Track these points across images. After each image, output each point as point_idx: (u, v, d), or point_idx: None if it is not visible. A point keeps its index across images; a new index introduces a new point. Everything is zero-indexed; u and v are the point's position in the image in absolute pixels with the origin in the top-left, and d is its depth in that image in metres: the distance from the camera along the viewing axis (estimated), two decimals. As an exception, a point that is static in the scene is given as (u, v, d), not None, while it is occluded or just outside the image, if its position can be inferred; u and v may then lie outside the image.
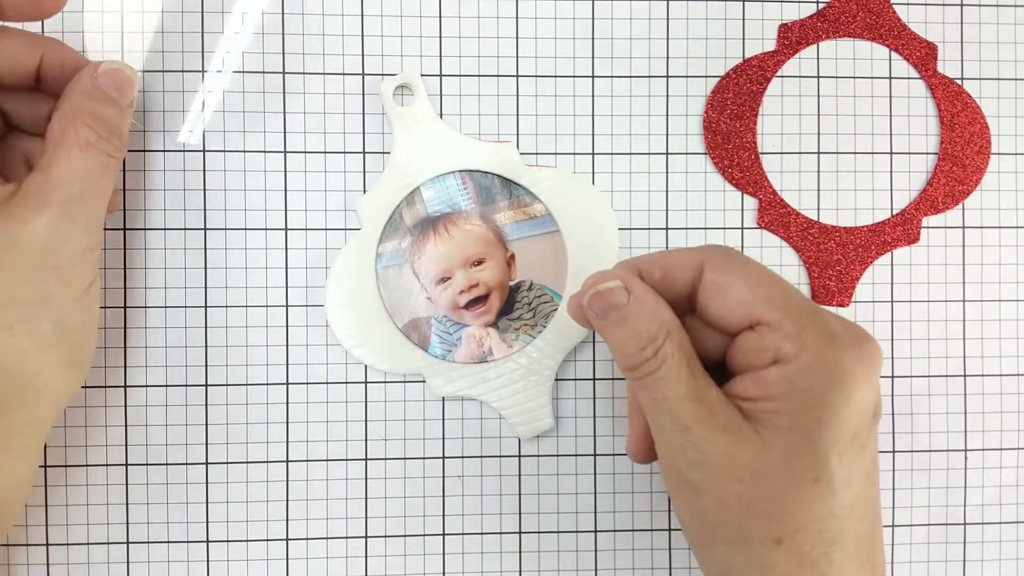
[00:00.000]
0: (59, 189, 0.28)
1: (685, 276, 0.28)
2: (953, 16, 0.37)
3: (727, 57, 0.37)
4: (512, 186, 0.36)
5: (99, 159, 0.29)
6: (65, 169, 0.28)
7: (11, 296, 0.27)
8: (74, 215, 0.28)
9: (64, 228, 0.28)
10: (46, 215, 0.28)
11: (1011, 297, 0.37)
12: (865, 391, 0.26)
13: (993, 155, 0.37)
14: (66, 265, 0.28)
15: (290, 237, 0.36)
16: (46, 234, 0.28)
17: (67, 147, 0.28)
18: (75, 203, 0.28)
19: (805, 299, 0.27)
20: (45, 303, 0.28)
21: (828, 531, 0.26)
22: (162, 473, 0.35)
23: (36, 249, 0.28)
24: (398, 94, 0.36)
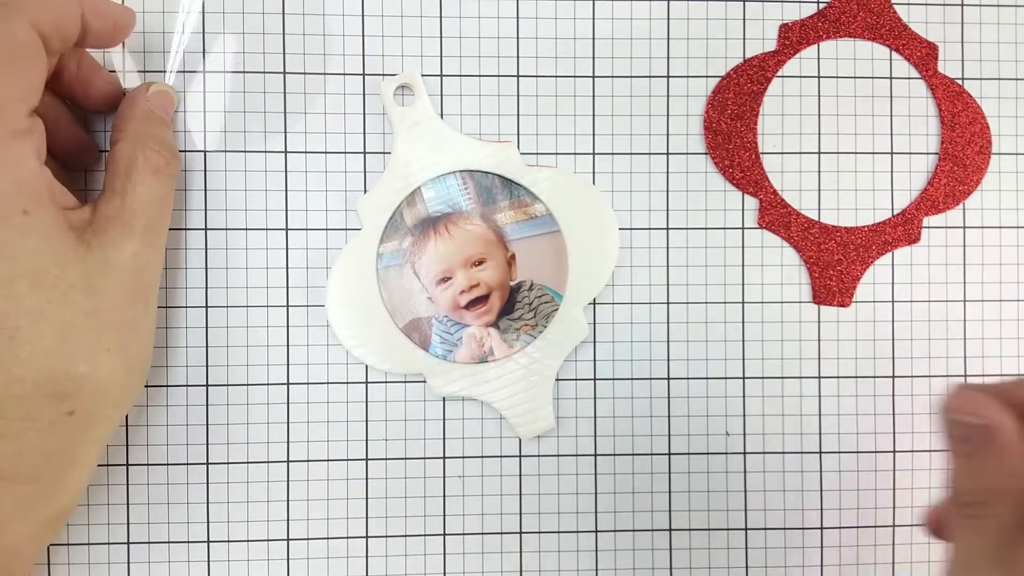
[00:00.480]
0: (139, 216, 0.29)
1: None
2: (954, 16, 0.37)
3: (728, 57, 0.37)
4: (512, 186, 0.36)
5: (168, 184, 0.31)
6: (143, 196, 0.29)
7: (109, 319, 0.28)
8: (152, 240, 0.30)
9: (145, 253, 0.29)
10: (132, 242, 0.29)
11: (1012, 297, 0.37)
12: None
13: (994, 155, 0.37)
14: (148, 289, 0.30)
15: (291, 237, 0.36)
16: (132, 260, 0.29)
17: (141, 174, 0.29)
18: (153, 229, 0.30)
19: None
20: (132, 327, 0.29)
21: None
22: (163, 473, 0.35)
23: (126, 274, 0.29)
24: (399, 94, 0.36)
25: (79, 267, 0.27)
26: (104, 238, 0.28)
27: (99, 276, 0.28)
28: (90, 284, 0.27)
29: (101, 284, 0.28)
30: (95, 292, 0.28)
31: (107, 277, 0.28)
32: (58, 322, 0.27)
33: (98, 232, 0.28)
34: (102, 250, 0.28)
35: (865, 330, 0.37)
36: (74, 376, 0.27)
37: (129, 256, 0.29)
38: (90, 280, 0.28)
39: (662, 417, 0.36)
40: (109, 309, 0.28)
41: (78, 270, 0.27)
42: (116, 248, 0.28)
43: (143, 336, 0.30)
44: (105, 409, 0.29)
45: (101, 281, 0.28)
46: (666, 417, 0.36)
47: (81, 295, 0.27)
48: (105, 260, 0.28)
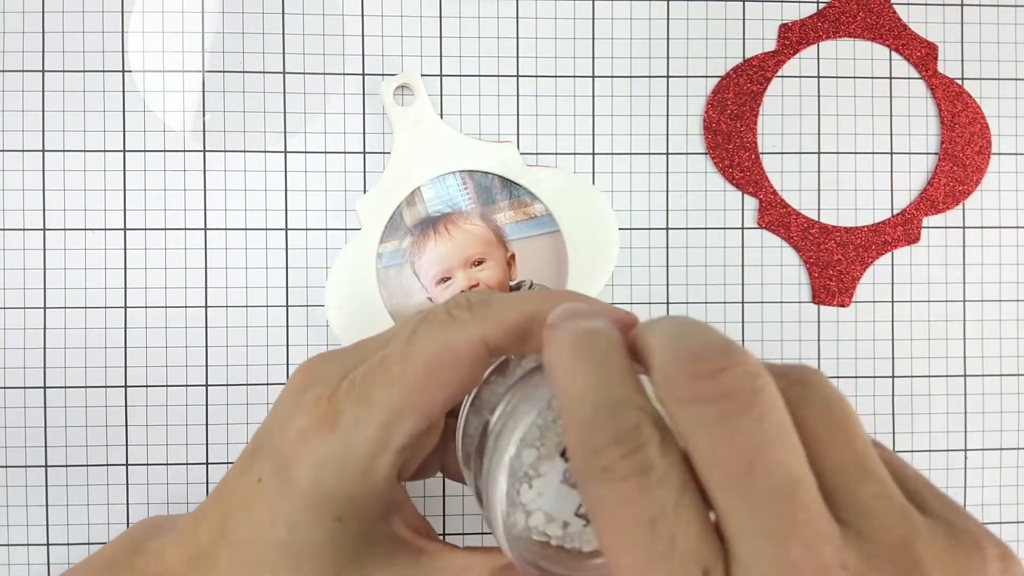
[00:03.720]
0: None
1: None
2: (953, 16, 0.37)
3: (727, 57, 0.37)
4: (512, 186, 0.36)
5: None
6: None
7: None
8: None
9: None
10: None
11: (1011, 297, 0.37)
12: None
13: (993, 155, 0.37)
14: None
15: (290, 237, 0.36)
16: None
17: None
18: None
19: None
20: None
21: None
22: (163, 473, 0.35)
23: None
24: (398, 94, 0.36)
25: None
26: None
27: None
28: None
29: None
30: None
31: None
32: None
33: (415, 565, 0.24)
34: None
35: (865, 330, 0.37)
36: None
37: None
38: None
39: (662, 417, 0.36)
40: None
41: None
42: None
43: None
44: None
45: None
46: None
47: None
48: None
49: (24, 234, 0.35)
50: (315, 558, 0.23)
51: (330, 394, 0.23)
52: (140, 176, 0.35)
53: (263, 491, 0.23)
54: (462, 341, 0.22)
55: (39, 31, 0.35)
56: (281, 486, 0.23)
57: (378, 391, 0.22)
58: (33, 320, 0.35)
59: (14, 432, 0.35)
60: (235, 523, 0.24)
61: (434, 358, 0.22)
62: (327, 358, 0.24)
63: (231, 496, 0.24)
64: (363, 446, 0.22)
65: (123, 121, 0.35)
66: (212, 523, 0.24)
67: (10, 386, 0.35)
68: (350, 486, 0.23)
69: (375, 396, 0.22)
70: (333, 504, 0.23)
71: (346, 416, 0.22)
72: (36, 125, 0.35)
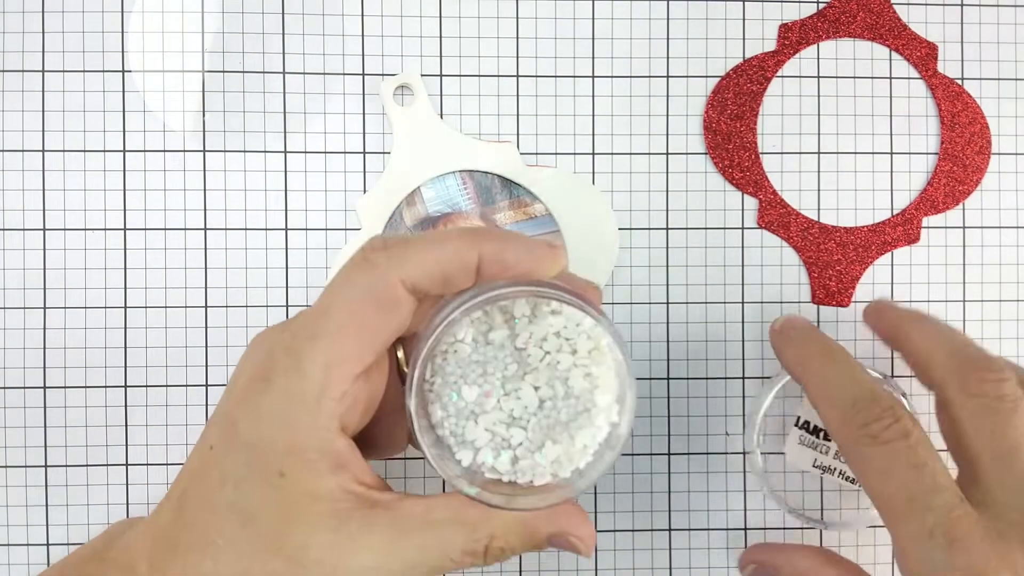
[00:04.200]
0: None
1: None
2: (953, 16, 0.37)
3: (727, 57, 0.37)
4: (512, 186, 0.36)
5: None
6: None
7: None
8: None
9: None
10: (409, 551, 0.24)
11: (1011, 297, 0.37)
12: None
13: (993, 155, 0.37)
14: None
15: (290, 237, 0.36)
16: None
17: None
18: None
19: None
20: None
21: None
22: (163, 473, 0.35)
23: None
24: (398, 94, 0.36)
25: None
26: (380, 532, 0.23)
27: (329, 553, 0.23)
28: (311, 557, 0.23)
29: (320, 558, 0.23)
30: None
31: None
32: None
33: (378, 528, 0.23)
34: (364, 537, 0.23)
35: (865, 330, 0.37)
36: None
37: (364, 565, 0.23)
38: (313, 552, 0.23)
39: (662, 417, 0.36)
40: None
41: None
42: (382, 550, 0.23)
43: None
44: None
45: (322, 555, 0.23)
46: (666, 417, 0.36)
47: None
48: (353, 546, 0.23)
49: (24, 234, 0.35)
50: (263, 516, 0.23)
51: (265, 355, 0.23)
52: (140, 176, 0.35)
53: (214, 456, 0.24)
54: (380, 284, 0.23)
55: (39, 31, 0.35)
56: (227, 445, 0.23)
57: (306, 344, 0.23)
58: (33, 320, 0.35)
59: (14, 432, 0.35)
60: (190, 495, 0.24)
61: (355, 304, 0.23)
62: (273, 327, 0.25)
63: (187, 471, 0.25)
64: (299, 396, 0.22)
65: (123, 121, 0.35)
66: (171, 502, 0.24)
67: (10, 386, 0.35)
68: (291, 437, 0.23)
69: (304, 349, 0.23)
70: (275, 457, 0.23)
71: (277, 371, 0.23)
72: (36, 125, 0.35)
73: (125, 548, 0.25)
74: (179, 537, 0.24)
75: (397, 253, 0.23)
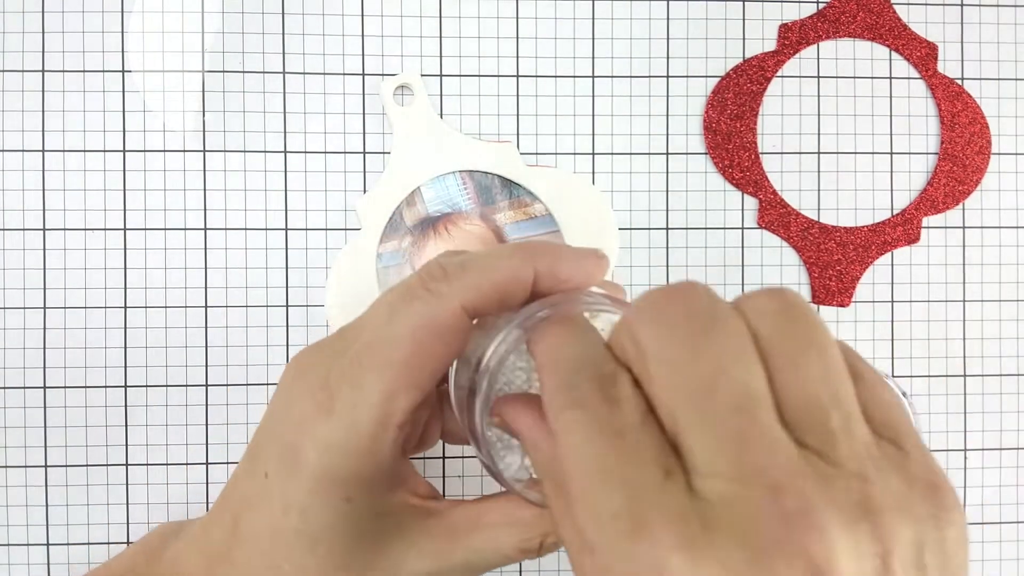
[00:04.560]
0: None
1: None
2: (953, 16, 0.37)
3: (727, 57, 0.37)
4: (512, 186, 0.36)
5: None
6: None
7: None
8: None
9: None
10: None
11: (1011, 297, 0.37)
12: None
13: (993, 155, 0.37)
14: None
15: (290, 237, 0.36)
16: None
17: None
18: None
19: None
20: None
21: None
22: (162, 473, 0.35)
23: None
24: (398, 94, 0.36)
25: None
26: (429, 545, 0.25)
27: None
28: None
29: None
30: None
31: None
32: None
33: (435, 535, 0.25)
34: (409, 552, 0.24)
35: (865, 330, 0.37)
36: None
37: (424, 570, 0.24)
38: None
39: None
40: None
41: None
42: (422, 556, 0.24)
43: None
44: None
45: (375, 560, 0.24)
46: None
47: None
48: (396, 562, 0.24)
49: (24, 234, 0.35)
50: (329, 539, 0.23)
51: (322, 384, 0.23)
52: (140, 176, 0.35)
53: (271, 484, 0.24)
54: (443, 313, 0.23)
55: (39, 31, 0.35)
56: (289, 474, 0.23)
57: (369, 375, 0.23)
58: (33, 320, 0.35)
59: (14, 432, 0.35)
60: (247, 520, 0.24)
61: (419, 335, 0.23)
62: (314, 350, 0.25)
63: (240, 496, 0.25)
64: (364, 428, 0.23)
65: (123, 121, 0.35)
66: (224, 524, 0.25)
67: (10, 386, 0.35)
68: (356, 466, 0.23)
69: (367, 381, 0.23)
70: (342, 486, 0.23)
71: (342, 402, 0.23)
72: (36, 125, 0.35)
73: (172, 564, 0.25)
74: (237, 559, 0.24)
75: (457, 280, 0.23)
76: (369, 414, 0.23)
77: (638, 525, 0.16)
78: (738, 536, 0.15)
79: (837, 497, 0.16)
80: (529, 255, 0.23)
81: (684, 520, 0.16)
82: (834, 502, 0.15)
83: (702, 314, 0.18)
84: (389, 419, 0.23)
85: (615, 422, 0.18)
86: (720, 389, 0.17)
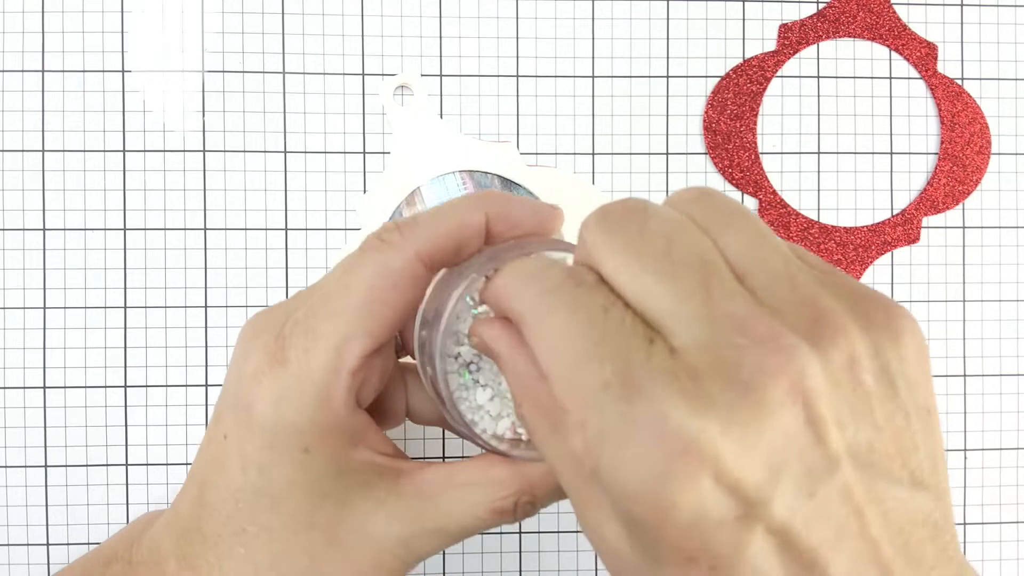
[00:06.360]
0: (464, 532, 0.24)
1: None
2: (953, 16, 0.37)
3: (727, 57, 0.37)
4: (512, 186, 0.36)
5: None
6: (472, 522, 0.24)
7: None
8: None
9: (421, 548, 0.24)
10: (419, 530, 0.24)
11: (1011, 297, 0.37)
12: (683, 493, 0.16)
13: (993, 155, 0.37)
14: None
15: (290, 237, 0.36)
16: (396, 544, 0.24)
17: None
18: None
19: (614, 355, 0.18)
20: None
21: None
22: (163, 473, 0.35)
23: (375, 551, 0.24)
24: (398, 94, 0.36)
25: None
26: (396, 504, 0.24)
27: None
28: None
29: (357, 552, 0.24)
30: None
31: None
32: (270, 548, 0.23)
33: (406, 496, 0.24)
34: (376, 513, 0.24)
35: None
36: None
37: (395, 533, 0.24)
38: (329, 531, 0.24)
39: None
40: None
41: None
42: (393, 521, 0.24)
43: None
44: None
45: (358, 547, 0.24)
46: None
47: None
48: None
49: (24, 234, 0.35)
50: (292, 496, 0.23)
51: (276, 336, 0.23)
52: (140, 176, 0.35)
53: (229, 445, 0.24)
54: (396, 260, 0.23)
55: (39, 31, 0.35)
56: (245, 431, 0.23)
57: (322, 324, 0.23)
58: (33, 320, 0.35)
59: (14, 432, 0.35)
60: (210, 486, 0.24)
61: (372, 282, 0.23)
62: (269, 309, 0.25)
63: (203, 463, 0.24)
64: (316, 374, 0.23)
65: (123, 121, 0.35)
66: (191, 496, 0.24)
67: (10, 386, 0.35)
68: (311, 415, 0.23)
69: (320, 328, 0.23)
70: (298, 436, 0.23)
71: (294, 350, 0.23)
72: (36, 125, 0.35)
73: (150, 549, 0.25)
74: (205, 529, 0.24)
75: (410, 231, 0.23)
76: (322, 360, 0.23)
77: (632, 388, 0.17)
78: (723, 377, 0.17)
79: (798, 323, 0.17)
80: (479, 201, 0.24)
81: (673, 375, 0.17)
82: (796, 328, 0.17)
83: (641, 209, 0.20)
84: (342, 365, 0.23)
85: (596, 300, 0.18)
86: (675, 253, 0.18)
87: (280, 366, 0.23)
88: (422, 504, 0.24)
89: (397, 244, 0.23)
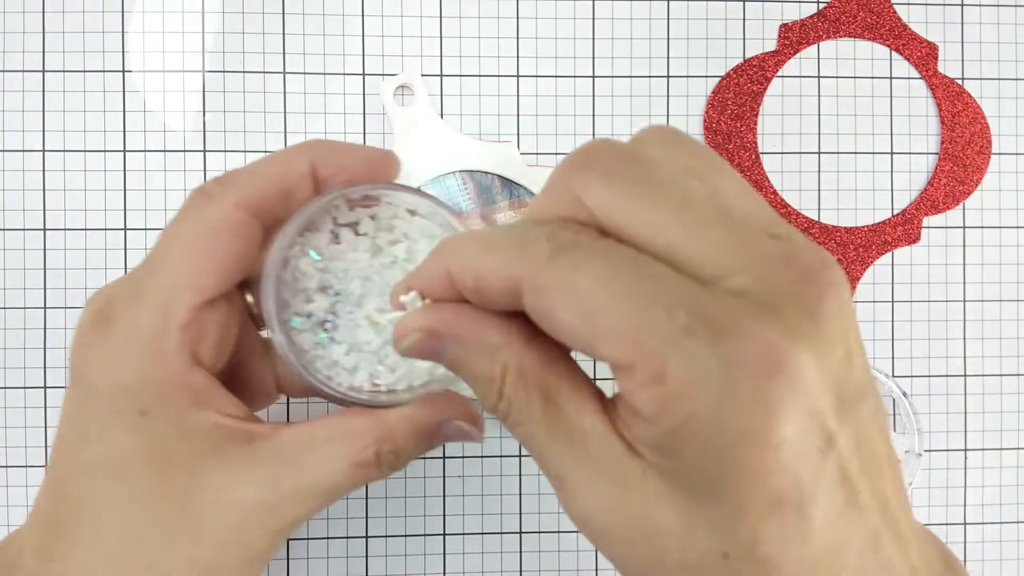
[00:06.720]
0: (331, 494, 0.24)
1: (503, 294, 0.19)
2: (953, 16, 0.37)
3: (727, 57, 0.37)
4: (512, 186, 0.36)
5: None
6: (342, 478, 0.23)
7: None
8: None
9: (287, 513, 0.23)
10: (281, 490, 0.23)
11: (1011, 297, 0.37)
12: (791, 425, 0.16)
13: (993, 155, 0.37)
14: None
15: (290, 237, 0.36)
16: (256, 507, 0.23)
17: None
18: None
19: (677, 302, 0.17)
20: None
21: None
22: (162, 473, 0.35)
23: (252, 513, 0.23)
24: (398, 94, 0.36)
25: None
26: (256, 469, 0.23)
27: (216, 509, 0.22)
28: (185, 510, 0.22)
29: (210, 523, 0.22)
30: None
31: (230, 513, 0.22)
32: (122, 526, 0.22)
33: (262, 460, 0.23)
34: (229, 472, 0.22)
35: (865, 330, 0.37)
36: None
37: (254, 499, 0.22)
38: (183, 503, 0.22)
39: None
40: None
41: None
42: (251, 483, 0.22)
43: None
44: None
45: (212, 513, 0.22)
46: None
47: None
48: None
49: (24, 234, 0.35)
50: (136, 464, 0.22)
51: (107, 301, 0.23)
52: (140, 176, 0.35)
53: (71, 419, 0.23)
54: (216, 211, 0.23)
55: (39, 31, 0.35)
56: (80, 399, 0.23)
57: (146, 281, 0.23)
58: (33, 320, 0.35)
59: (14, 432, 0.35)
60: (57, 465, 0.23)
61: (191, 235, 0.23)
62: (108, 283, 0.25)
63: (53, 448, 0.24)
64: (143, 329, 0.22)
65: (123, 121, 0.35)
66: (45, 485, 0.24)
67: (10, 386, 0.35)
68: (143, 373, 0.22)
69: (144, 285, 0.23)
70: (132, 397, 0.22)
71: (122, 310, 0.23)
72: (36, 125, 0.35)
73: (7, 547, 0.24)
74: (59, 515, 0.23)
75: (229, 179, 0.23)
76: (147, 316, 0.22)
77: (721, 328, 0.16)
78: (800, 309, 0.16)
79: (818, 258, 0.17)
80: (303, 147, 0.24)
81: (759, 309, 0.16)
82: (822, 258, 0.17)
83: (631, 154, 0.18)
84: (170, 319, 0.22)
85: (624, 251, 0.17)
86: (692, 201, 0.17)
87: (108, 327, 0.22)
88: (281, 466, 0.23)
89: (217, 195, 0.23)
